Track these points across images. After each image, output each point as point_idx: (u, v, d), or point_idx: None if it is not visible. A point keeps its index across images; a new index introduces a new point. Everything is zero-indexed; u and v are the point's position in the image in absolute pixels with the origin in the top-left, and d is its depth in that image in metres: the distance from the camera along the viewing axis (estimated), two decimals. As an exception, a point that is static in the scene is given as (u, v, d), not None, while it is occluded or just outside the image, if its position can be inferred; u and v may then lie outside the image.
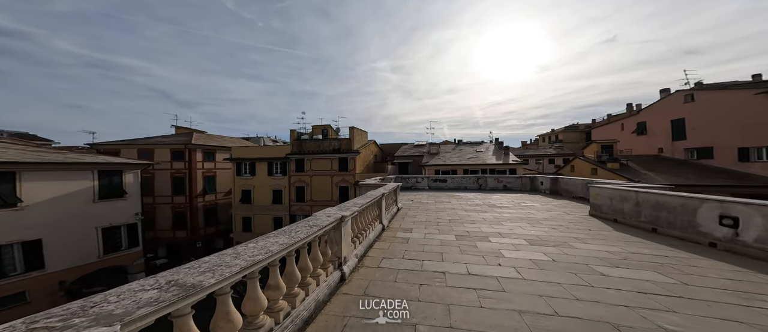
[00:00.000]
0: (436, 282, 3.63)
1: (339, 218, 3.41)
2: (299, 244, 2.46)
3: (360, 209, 4.33)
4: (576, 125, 63.21)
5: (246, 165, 26.87)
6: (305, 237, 2.56)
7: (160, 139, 26.17)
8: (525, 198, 12.29)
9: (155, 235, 24.94)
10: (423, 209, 9.69)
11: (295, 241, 2.36)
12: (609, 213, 7.08)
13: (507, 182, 16.43)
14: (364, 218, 5.05)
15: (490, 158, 26.89)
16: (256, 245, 2.14)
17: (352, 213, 3.85)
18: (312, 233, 2.69)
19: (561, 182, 13.19)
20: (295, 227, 2.72)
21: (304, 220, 3.12)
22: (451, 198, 12.71)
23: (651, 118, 26.15)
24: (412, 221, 7.70)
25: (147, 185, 24.53)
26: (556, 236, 5.91)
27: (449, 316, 2.78)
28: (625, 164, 22.67)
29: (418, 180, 17.84)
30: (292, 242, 2.32)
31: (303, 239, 2.52)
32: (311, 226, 2.82)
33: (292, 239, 2.34)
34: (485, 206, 10.23)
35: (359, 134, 29.08)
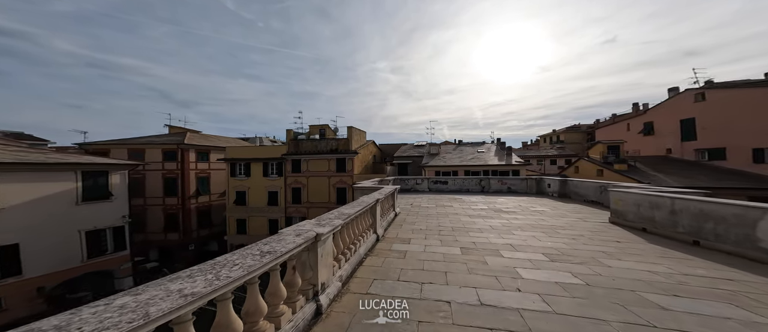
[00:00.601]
0: (439, 318, 2.80)
1: (312, 237, 2.58)
2: (226, 289, 1.62)
3: (345, 221, 3.50)
4: (578, 126, 62.37)
5: (240, 166, 26.05)
6: (244, 275, 1.70)
7: (151, 139, 25.36)
8: (532, 202, 11.45)
9: (146, 237, 24.10)
10: (423, 215, 8.86)
11: (213, 289, 1.49)
12: (635, 221, 6.24)
13: (511, 184, 15.59)
14: (353, 230, 4.22)
15: (492, 159, 26.06)
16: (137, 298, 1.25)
17: (332, 229, 3.03)
18: (260, 268, 1.84)
19: (570, 184, 12.35)
20: (235, 258, 1.86)
21: (260, 243, 2.28)
22: (452, 202, 11.88)
23: (659, 118, 25.30)
24: (411, 229, 6.87)
25: (137, 187, 23.73)
26: (579, 250, 5.07)
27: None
28: (633, 165, 21.84)
29: (417, 182, 17.02)
30: (209, 292, 1.46)
31: (234, 282, 1.66)
32: (263, 255, 1.97)
33: (209, 288, 1.46)
34: (491, 211, 9.39)
35: (358, 134, 28.28)
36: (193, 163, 25.55)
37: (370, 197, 5.40)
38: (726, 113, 20.12)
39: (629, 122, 28.93)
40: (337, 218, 3.44)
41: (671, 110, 24.13)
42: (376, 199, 5.51)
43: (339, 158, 26.31)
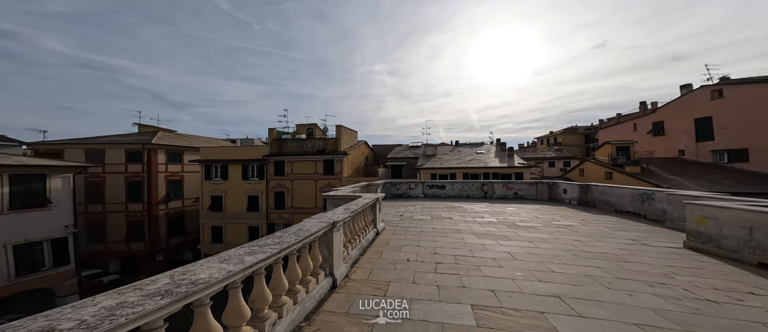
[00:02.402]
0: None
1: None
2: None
3: (240, 275, 1.30)
4: (575, 128, 61.30)
5: (216, 168, 23.56)
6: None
7: (113, 138, 22.71)
8: (550, 212, 9.32)
9: (106, 248, 21.42)
10: (414, 232, 6.65)
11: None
12: (740, 250, 4.11)
13: (519, 189, 13.48)
14: (278, 283, 1.99)
15: (493, 161, 24.02)
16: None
17: None
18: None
19: (595, 190, 10.21)
20: None
21: None
22: (451, 211, 9.69)
23: (670, 117, 23.58)
24: (394, 260, 4.65)
25: (95, 191, 21.11)
26: (703, 313, 2.90)
27: None
28: (646, 167, 20.00)
29: (411, 186, 14.82)
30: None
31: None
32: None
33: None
34: (502, 227, 7.22)
35: (348, 133, 26.06)
36: (163, 165, 22.98)
37: (316, 224, 3.16)
38: (748, 111, 18.39)
39: (636, 122, 27.22)
40: (237, 264, 1.24)
41: (684, 108, 22.42)
42: (330, 222, 3.29)
43: (326, 160, 24.04)
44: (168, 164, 23.42)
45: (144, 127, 26.56)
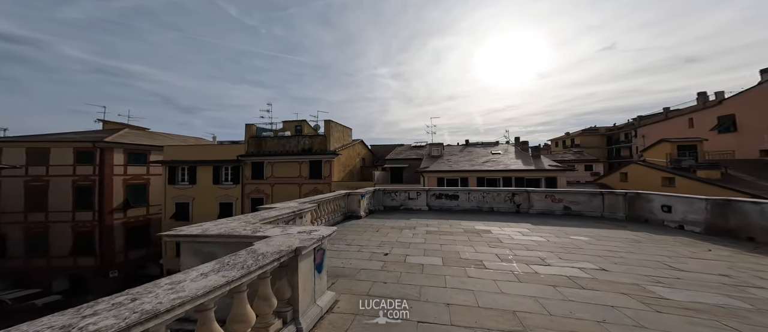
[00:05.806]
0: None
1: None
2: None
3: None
4: (595, 128, 55.90)
5: (182, 170, 19.94)
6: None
7: (60, 136, 19.39)
8: (674, 248, 4.97)
9: (48, 263, 17.95)
10: (396, 315, 2.45)
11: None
12: None
13: (571, 201, 9.07)
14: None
15: (515, 163, 19.53)
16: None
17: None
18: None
19: (751, 212, 5.47)
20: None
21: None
22: (475, 242, 5.47)
23: (744, 109, 18.60)
24: None
25: (36, 198, 17.73)
26: None
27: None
28: (725, 171, 15.17)
29: (411, 195, 10.63)
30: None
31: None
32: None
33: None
34: (620, 297, 2.92)
35: (340, 130, 22.14)
36: (121, 166, 19.50)
37: None
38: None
39: (693, 117, 22.20)
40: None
41: (765, 97, 17.50)
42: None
43: (313, 161, 20.17)
44: (128, 166, 19.95)
45: (109, 124, 23.33)
